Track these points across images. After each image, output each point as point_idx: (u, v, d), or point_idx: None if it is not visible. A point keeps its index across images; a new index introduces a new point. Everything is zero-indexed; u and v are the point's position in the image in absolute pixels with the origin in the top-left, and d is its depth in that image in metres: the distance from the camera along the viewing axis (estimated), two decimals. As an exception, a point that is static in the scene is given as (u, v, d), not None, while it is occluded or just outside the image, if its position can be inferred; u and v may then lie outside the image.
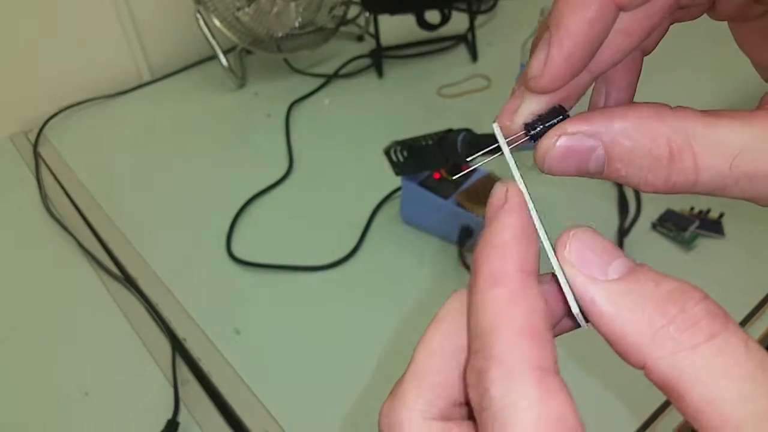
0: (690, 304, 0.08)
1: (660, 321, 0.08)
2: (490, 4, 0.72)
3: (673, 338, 0.08)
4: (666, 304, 0.09)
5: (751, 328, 0.37)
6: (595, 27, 0.10)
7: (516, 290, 0.09)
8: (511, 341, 0.09)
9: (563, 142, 0.10)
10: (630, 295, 0.09)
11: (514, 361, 0.09)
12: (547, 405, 0.08)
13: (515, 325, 0.09)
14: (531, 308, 0.09)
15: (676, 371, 0.08)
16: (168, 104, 0.63)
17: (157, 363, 0.37)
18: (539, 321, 0.09)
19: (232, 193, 0.50)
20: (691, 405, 0.08)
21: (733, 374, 0.08)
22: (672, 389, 0.08)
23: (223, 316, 0.40)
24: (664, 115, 0.10)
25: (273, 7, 0.60)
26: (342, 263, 0.43)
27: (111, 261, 0.45)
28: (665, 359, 0.08)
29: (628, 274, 0.09)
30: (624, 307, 0.09)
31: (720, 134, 0.09)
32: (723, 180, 0.09)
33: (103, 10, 0.63)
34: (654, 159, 0.09)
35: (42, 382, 0.37)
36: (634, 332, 0.09)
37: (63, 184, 0.53)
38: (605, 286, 0.09)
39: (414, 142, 0.39)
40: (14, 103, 0.61)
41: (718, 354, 0.08)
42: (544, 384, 0.09)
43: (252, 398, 0.35)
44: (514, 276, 0.10)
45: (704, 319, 0.08)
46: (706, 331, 0.08)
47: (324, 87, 0.62)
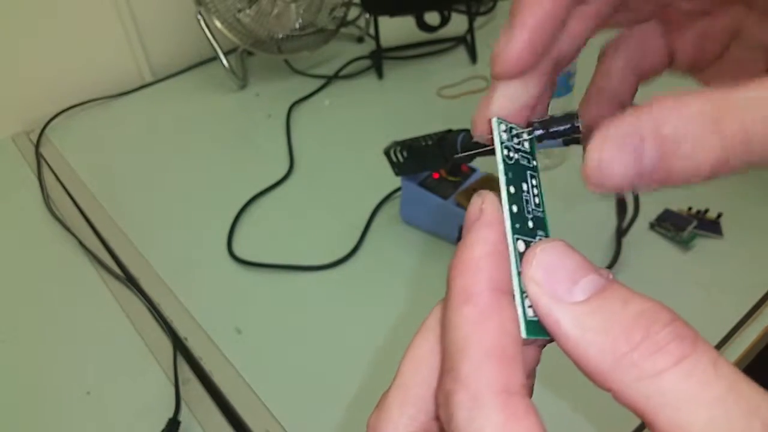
0: (656, 327, 0.08)
1: (624, 347, 0.08)
2: (489, 5, 0.73)
3: (636, 365, 0.08)
4: (632, 328, 0.08)
5: (748, 328, 0.37)
6: (555, 6, 0.10)
7: (486, 309, 0.09)
8: (478, 364, 0.09)
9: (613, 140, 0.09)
10: (596, 317, 0.09)
11: (480, 386, 0.09)
12: (512, 430, 0.08)
13: (483, 347, 0.09)
14: (501, 329, 0.09)
15: (642, 397, 0.08)
16: (169, 105, 0.63)
17: (158, 362, 0.38)
18: (509, 342, 0.09)
19: (233, 193, 0.50)
20: (660, 430, 0.08)
21: (701, 398, 0.08)
22: (641, 414, 0.08)
23: (224, 316, 0.40)
24: (689, 93, 0.09)
25: (274, 9, 0.60)
26: (342, 263, 0.43)
27: (113, 261, 0.46)
28: (631, 385, 0.08)
29: (596, 293, 0.09)
30: (589, 330, 0.08)
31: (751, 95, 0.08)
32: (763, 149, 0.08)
33: (104, 11, 0.63)
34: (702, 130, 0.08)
35: (44, 381, 0.37)
36: (598, 357, 0.08)
37: (65, 184, 0.54)
38: (570, 309, 0.09)
39: (414, 143, 0.39)
40: (16, 104, 0.62)
41: (686, 378, 0.08)
42: (510, 408, 0.09)
43: (253, 397, 0.36)
44: (486, 294, 0.09)
45: (671, 343, 0.08)
46: (674, 354, 0.08)
47: (324, 88, 0.63)
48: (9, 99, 0.61)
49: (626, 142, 0.09)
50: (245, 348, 0.38)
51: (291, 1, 0.61)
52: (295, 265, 0.43)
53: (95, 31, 0.64)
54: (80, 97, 0.63)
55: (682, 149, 0.08)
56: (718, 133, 0.08)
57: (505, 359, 0.09)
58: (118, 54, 0.66)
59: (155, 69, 0.69)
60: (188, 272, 0.44)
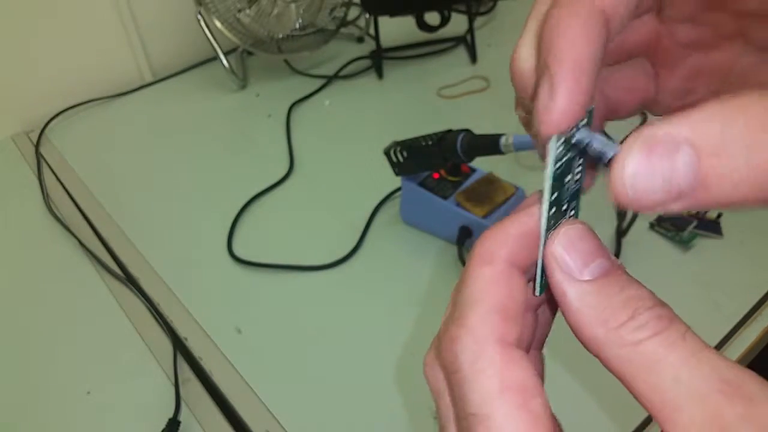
0: (640, 310, 0.10)
1: (613, 323, 0.10)
2: (489, 5, 0.73)
3: (621, 336, 0.09)
4: (622, 309, 0.10)
5: (748, 328, 0.37)
6: (593, 41, 0.09)
7: (502, 273, 0.11)
8: (484, 315, 0.10)
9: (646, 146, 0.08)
10: (595, 296, 0.10)
11: (484, 333, 0.10)
12: (510, 372, 0.10)
13: (491, 303, 0.10)
14: (509, 292, 0.11)
15: (624, 362, 0.09)
16: (170, 105, 0.63)
17: (158, 362, 0.38)
18: (513, 305, 0.11)
19: (233, 193, 0.50)
20: (638, 391, 0.09)
21: (668, 360, 0.09)
22: (622, 378, 0.10)
23: (224, 316, 0.40)
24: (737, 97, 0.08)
25: (274, 9, 0.61)
26: (342, 263, 0.43)
27: (113, 261, 0.46)
28: (615, 352, 0.09)
29: (601, 276, 0.10)
30: (587, 305, 0.10)
31: None
32: None
33: (104, 11, 0.63)
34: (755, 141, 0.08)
35: (44, 381, 0.37)
36: (592, 328, 0.10)
37: (65, 184, 0.54)
38: (576, 285, 0.10)
39: (414, 143, 0.39)
40: (16, 104, 0.62)
41: (658, 345, 0.09)
42: (507, 354, 0.10)
43: (253, 397, 0.36)
44: (504, 262, 0.11)
45: (650, 321, 0.09)
46: (652, 329, 0.09)
47: (324, 88, 0.63)
48: (9, 99, 0.61)
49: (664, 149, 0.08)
50: (245, 348, 0.38)
51: (291, 1, 0.61)
52: (295, 265, 0.43)
53: (95, 31, 0.64)
54: (80, 97, 0.63)
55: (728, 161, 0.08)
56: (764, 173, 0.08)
57: (508, 317, 0.10)
58: (118, 54, 0.66)
59: (155, 69, 0.69)
60: (188, 272, 0.44)
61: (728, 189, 0.08)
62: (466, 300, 0.11)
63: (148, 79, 0.68)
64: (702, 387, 0.09)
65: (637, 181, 0.08)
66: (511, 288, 0.11)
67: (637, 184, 0.09)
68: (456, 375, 0.10)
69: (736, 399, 0.08)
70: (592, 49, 0.10)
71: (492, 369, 0.10)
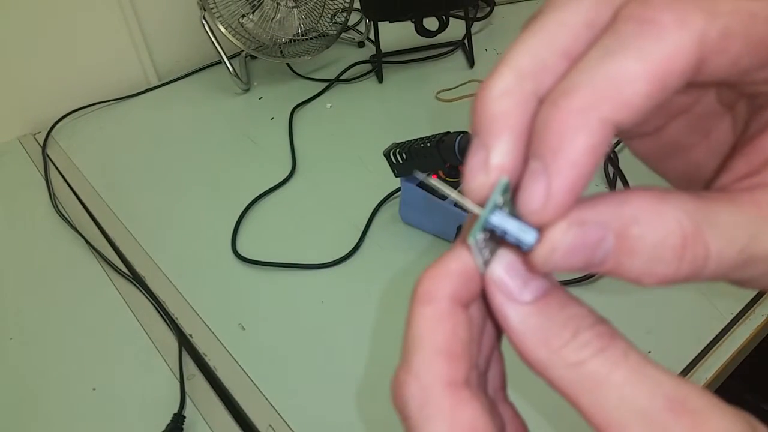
0: (581, 329, 0.09)
1: (556, 343, 0.09)
2: (486, 11, 0.74)
3: (564, 357, 0.09)
4: (563, 329, 0.09)
5: (742, 325, 0.38)
6: (598, 154, 0.08)
7: (443, 313, 0.10)
8: (428, 359, 0.10)
9: (576, 232, 0.09)
10: (536, 318, 0.10)
11: (430, 377, 0.10)
12: (458, 416, 0.10)
13: (434, 345, 0.10)
14: (452, 331, 0.10)
15: (568, 383, 0.09)
16: (174, 107, 0.64)
17: (163, 358, 0.38)
18: (457, 343, 0.10)
19: (237, 193, 0.51)
20: (584, 411, 0.09)
21: (612, 380, 0.09)
22: (568, 398, 0.09)
23: (228, 313, 0.41)
24: (670, 198, 0.09)
25: (276, 14, 0.62)
26: (343, 261, 0.44)
27: (119, 259, 0.46)
28: (560, 372, 0.09)
29: (541, 296, 0.10)
30: (530, 327, 0.10)
31: (727, 220, 0.09)
32: (729, 266, 0.09)
33: (110, 16, 0.64)
34: (667, 248, 0.09)
35: (51, 378, 0.38)
36: (536, 349, 0.10)
37: (71, 184, 0.55)
38: (518, 308, 0.10)
39: (413, 145, 0.40)
40: (23, 106, 0.63)
41: (602, 365, 0.09)
42: (455, 397, 0.10)
43: (256, 392, 0.36)
44: (445, 301, 0.10)
45: (593, 339, 0.09)
46: (594, 347, 0.09)
47: (326, 91, 0.64)
48: (16, 101, 0.62)
49: (591, 235, 0.09)
50: (249, 344, 0.39)
51: (293, 7, 0.62)
52: (298, 263, 0.44)
53: (102, 35, 0.65)
54: (87, 100, 0.64)
55: (639, 257, 0.09)
56: (678, 259, 0.09)
57: (453, 357, 0.10)
58: (124, 57, 0.67)
59: (161, 72, 0.70)
60: (193, 270, 0.45)
61: (639, 270, 0.09)
62: (410, 343, 0.10)
63: (153, 82, 0.69)
64: (647, 405, 0.08)
65: (558, 264, 0.09)
66: (455, 326, 0.10)
67: (557, 265, 0.09)
68: (407, 421, 0.10)
69: (681, 415, 0.08)
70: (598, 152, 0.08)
71: (440, 415, 0.10)
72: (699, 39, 0.08)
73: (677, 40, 0.08)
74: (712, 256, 0.09)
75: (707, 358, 0.35)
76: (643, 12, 0.08)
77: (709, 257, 0.09)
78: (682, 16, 0.08)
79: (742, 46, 0.08)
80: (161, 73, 0.70)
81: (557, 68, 0.09)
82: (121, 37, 0.66)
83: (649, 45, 0.08)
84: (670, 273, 0.09)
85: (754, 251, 0.09)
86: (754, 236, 0.09)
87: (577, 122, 0.08)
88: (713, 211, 0.09)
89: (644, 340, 0.36)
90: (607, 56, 0.08)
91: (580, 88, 0.08)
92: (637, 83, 0.08)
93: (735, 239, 0.09)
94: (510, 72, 0.09)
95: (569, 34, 0.09)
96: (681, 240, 0.09)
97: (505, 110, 0.09)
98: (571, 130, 0.08)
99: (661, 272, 0.09)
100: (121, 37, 0.66)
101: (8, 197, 0.54)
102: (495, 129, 0.09)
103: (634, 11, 0.08)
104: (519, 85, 0.09)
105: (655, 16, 0.08)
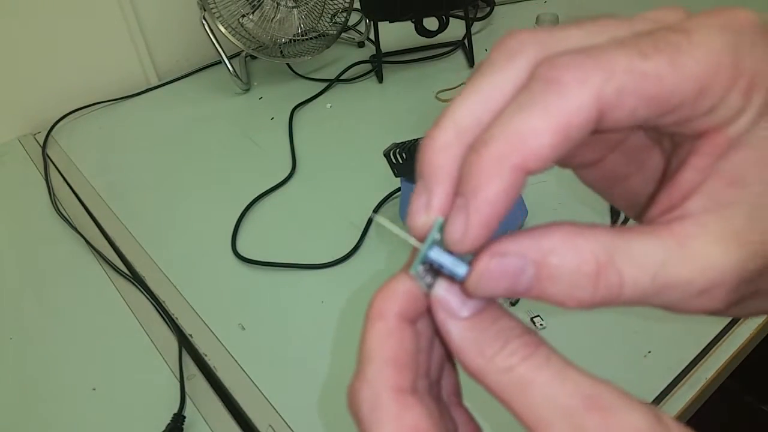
0: (510, 339, 0.11)
1: (488, 353, 0.11)
2: (486, 11, 0.74)
3: (496, 364, 0.11)
4: (495, 340, 0.11)
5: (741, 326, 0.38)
6: (510, 194, 0.10)
7: (392, 328, 0.12)
8: (379, 368, 0.11)
9: (498, 262, 0.10)
10: (472, 331, 0.11)
11: (380, 384, 0.11)
12: (404, 418, 0.11)
13: (384, 356, 0.12)
14: (400, 344, 0.12)
15: (501, 387, 0.11)
16: (174, 107, 0.64)
17: (164, 358, 0.38)
18: (404, 355, 0.12)
19: (237, 193, 0.51)
20: (515, 412, 0.10)
21: (536, 382, 0.10)
22: (502, 401, 0.11)
23: (228, 313, 0.41)
24: (585, 232, 0.10)
25: (276, 14, 0.62)
26: (343, 261, 0.44)
27: (119, 259, 0.46)
28: (494, 378, 0.11)
29: (477, 312, 0.11)
30: (467, 339, 0.11)
31: (637, 251, 0.10)
32: (645, 292, 0.10)
33: (110, 16, 0.64)
34: (582, 275, 0.10)
35: (50, 378, 0.38)
36: (472, 359, 0.11)
37: (71, 184, 0.55)
38: (457, 323, 0.11)
39: (413, 145, 0.40)
40: (23, 106, 0.63)
41: (528, 370, 0.10)
42: (401, 402, 0.11)
43: (256, 392, 0.36)
44: (394, 318, 0.12)
45: (520, 348, 0.11)
46: (521, 355, 0.11)
47: (326, 91, 0.64)
48: (16, 101, 0.62)
49: (512, 265, 0.10)
50: (249, 344, 0.39)
51: (293, 7, 0.62)
52: (298, 263, 0.44)
53: (102, 35, 0.65)
54: (87, 100, 0.64)
55: (559, 283, 0.10)
56: (593, 286, 0.10)
57: (400, 366, 0.11)
58: (124, 58, 0.67)
59: (161, 72, 0.70)
60: (193, 270, 0.45)
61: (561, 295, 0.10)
62: (363, 354, 0.12)
63: (153, 82, 0.69)
64: (566, 403, 0.10)
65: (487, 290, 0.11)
66: (402, 339, 0.12)
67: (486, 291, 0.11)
68: (360, 424, 0.11)
69: (595, 411, 0.10)
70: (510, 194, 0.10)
71: (387, 416, 0.11)
72: (596, 96, 0.09)
73: (577, 98, 0.09)
74: (626, 283, 0.10)
75: (707, 358, 0.35)
76: (549, 72, 0.10)
77: (624, 284, 0.10)
78: (582, 76, 0.09)
79: (636, 101, 0.09)
80: (161, 73, 0.70)
81: (489, 123, 0.10)
82: (121, 37, 0.66)
83: (553, 102, 0.09)
84: (587, 298, 0.10)
85: (666, 279, 0.10)
86: (665, 265, 0.10)
87: (492, 169, 0.10)
88: (628, 243, 0.10)
89: (644, 340, 0.36)
90: (518, 112, 0.10)
91: (496, 141, 0.10)
92: (542, 136, 0.09)
93: (647, 268, 0.10)
94: (451, 127, 0.11)
95: (499, 94, 0.10)
96: (595, 268, 0.10)
97: (445, 162, 0.11)
98: (487, 175, 0.10)
99: (579, 297, 0.10)
100: (121, 37, 0.66)
101: (8, 197, 0.54)
102: (436, 177, 0.11)
103: (543, 71, 0.10)
104: (457, 138, 0.11)
105: (559, 76, 0.09)
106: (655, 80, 0.09)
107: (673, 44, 0.09)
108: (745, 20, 0.10)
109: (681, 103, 0.10)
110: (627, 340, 0.36)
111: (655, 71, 0.09)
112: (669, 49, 0.09)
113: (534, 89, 0.10)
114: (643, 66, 0.09)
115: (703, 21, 0.10)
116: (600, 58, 0.09)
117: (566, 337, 0.37)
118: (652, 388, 0.33)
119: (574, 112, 0.09)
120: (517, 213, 0.43)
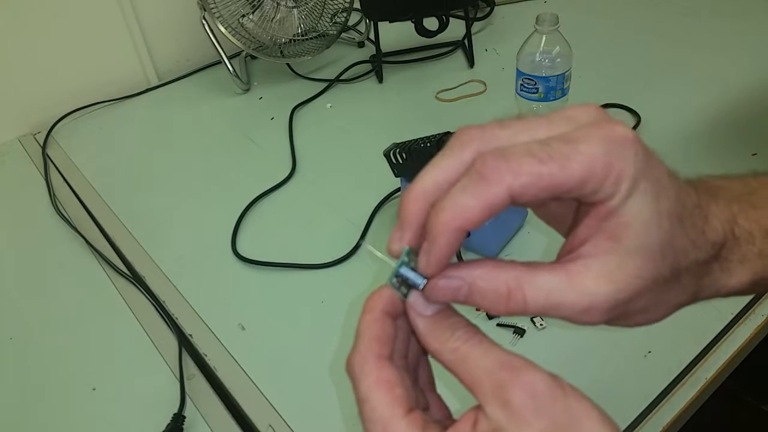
0: (458, 328, 0.16)
1: (442, 339, 0.16)
2: (486, 11, 0.74)
3: (447, 346, 0.16)
4: (448, 329, 0.16)
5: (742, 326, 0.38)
6: (455, 241, 0.15)
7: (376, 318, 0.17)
8: (367, 342, 0.17)
9: (444, 281, 0.16)
10: (432, 324, 0.17)
11: (366, 352, 0.17)
12: (380, 373, 0.16)
13: (370, 335, 0.17)
14: (382, 329, 0.17)
15: (451, 361, 0.16)
16: (175, 108, 0.64)
17: (164, 358, 0.38)
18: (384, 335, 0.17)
19: (237, 193, 0.51)
20: (461, 378, 0.16)
21: (473, 356, 0.15)
22: (452, 371, 0.16)
23: (228, 313, 0.41)
24: (505, 266, 0.16)
25: (276, 15, 0.62)
26: (343, 261, 0.44)
27: (119, 259, 0.46)
28: (447, 357, 0.16)
29: (436, 312, 0.17)
30: (429, 329, 0.17)
31: (539, 280, 0.15)
32: (543, 308, 0.15)
33: (111, 16, 0.64)
34: (498, 295, 0.15)
35: (50, 378, 0.38)
36: (432, 344, 0.16)
37: (71, 184, 0.55)
38: (422, 319, 0.17)
39: (413, 145, 0.41)
40: (23, 106, 0.63)
41: (468, 349, 0.16)
42: (380, 363, 0.17)
43: (256, 392, 0.36)
44: (379, 311, 0.17)
45: (463, 335, 0.16)
46: (463, 339, 0.16)
47: (326, 91, 0.64)
48: (16, 101, 0.62)
49: (454, 284, 0.16)
50: (248, 344, 0.39)
51: (293, 7, 0.62)
52: (298, 263, 0.44)
53: (102, 35, 0.65)
54: (87, 100, 0.64)
55: (484, 299, 0.16)
56: (505, 302, 0.15)
57: (381, 342, 0.17)
58: (124, 58, 0.67)
59: (161, 72, 0.70)
60: (193, 270, 0.45)
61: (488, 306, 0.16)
62: (357, 335, 0.17)
63: (153, 82, 0.69)
64: (490, 366, 0.15)
65: (438, 298, 0.16)
66: (383, 325, 0.17)
67: (438, 298, 0.16)
68: (353, 381, 0.17)
69: (507, 370, 0.15)
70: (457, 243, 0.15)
71: (370, 371, 0.16)
72: (507, 188, 0.14)
73: (496, 189, 0.14)
74: (528, 301, 0.15)
75: (707, 358, 0.35)
76: (481, 168, 0.15)
77: (527, 302, 0.15)
78: (498, 176, 0.14)
79: (537, 190, 0.14)
80: (161, 73, 0.70)
81: (445, 188, 0.16)
82: (121, 37, 0.66)
83: (481, 190, 0.15)
84: (503, 309, 0.15)
85: (557, 300, 0.15)
86: (557, 291, 0.15)
87: (442, 228, 0.15)
88: (534, 275, 0.15)
89: (644, 340, 0.36)
90: (460, 191, 0.15)
91: (445, 211, 0.15)
92: (474, 210, 0.15)
93: (543, 292, 0.15)
94: (420, 188, 0.16)
95: (452, 170, 0.16)
96: (506, 290, 0.15)
97: (414, 210, 0.16)
98: (439, 232, 0.15)
99: (497, 308, 0.16)
100: (121, 37, 0.66)
101: (8, 197, 0.54)
102: (407, 221, 0.16)
103: (477, 167, 0.15)
104: (423, 196, 0.16)
105: (486, 174, 0.14)
106: (548, 178, 0.14)
107: (563, 153, 0.14)
108: (621, 133, 0.15)
109: (569, 191, 0.14)
110: (627, 340, 0.36)
111: (549, 172, 0.14)
112: (560, 157, 0.14)
113: (471, 176, 0.15)
114: (540, 169, 0.14)
115: (592, 132, 0.15)
116: (513, 162, 0.14)
117: (566, 338, 0.37)
118: (652, 388, 0.33)
119: (492, 197, 0.14)
120: (517, 215, 0.43)
